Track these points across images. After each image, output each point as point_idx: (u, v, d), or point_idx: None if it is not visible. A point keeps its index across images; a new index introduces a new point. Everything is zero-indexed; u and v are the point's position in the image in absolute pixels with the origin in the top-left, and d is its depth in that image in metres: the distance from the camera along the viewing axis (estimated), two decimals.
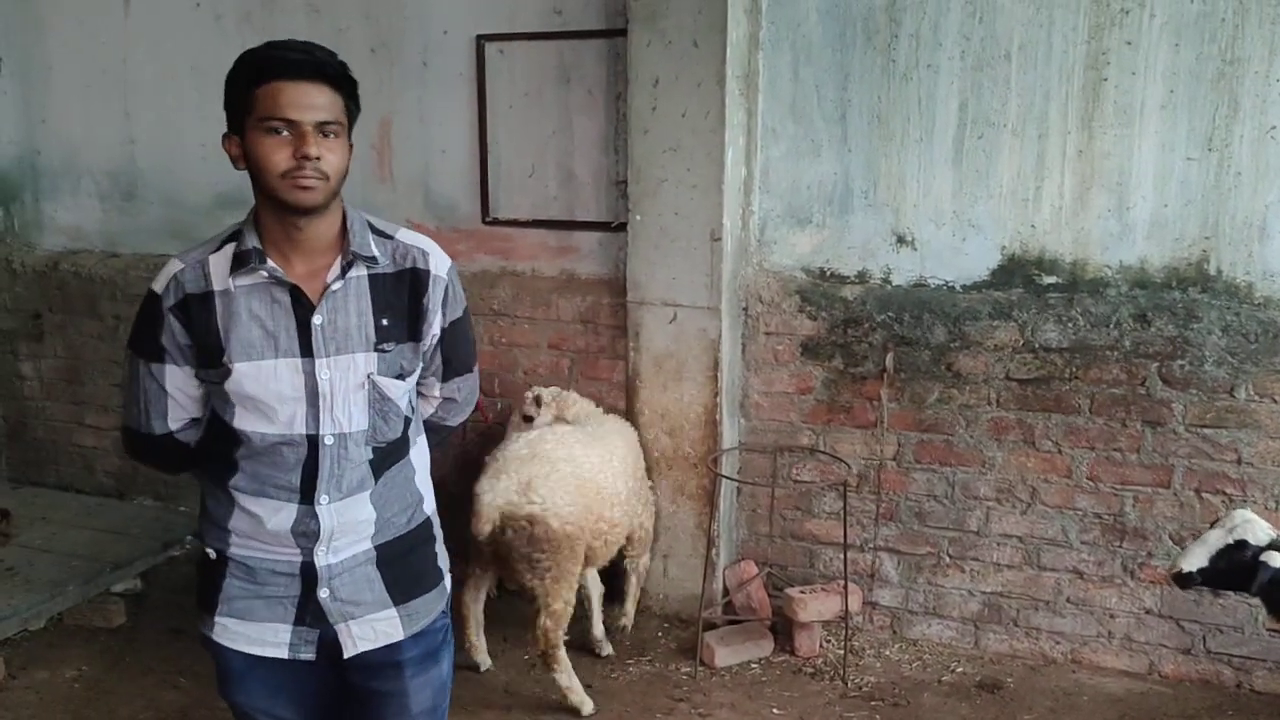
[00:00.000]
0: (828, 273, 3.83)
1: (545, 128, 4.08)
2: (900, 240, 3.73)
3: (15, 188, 5.05)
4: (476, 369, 2.18)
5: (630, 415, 3.98)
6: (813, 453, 3.90)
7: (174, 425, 1.95)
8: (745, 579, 3.93)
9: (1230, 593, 3.31)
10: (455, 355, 2.07)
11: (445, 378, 2.09)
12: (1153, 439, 3.50)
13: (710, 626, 3.81)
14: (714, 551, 3.87)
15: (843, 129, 3.72)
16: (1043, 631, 3.73)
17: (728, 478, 3.85)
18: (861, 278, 3.79)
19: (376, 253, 1.88)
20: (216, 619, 1.98)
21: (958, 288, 3.68)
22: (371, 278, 1.89)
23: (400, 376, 1.93)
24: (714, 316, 3.77)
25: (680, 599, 3.98)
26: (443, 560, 2.13)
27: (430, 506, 2.10)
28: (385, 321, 1.89)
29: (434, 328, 1.96)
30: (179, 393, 1.91)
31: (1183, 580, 2.66)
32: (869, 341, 3.75)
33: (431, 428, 2.17)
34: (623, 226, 3.93)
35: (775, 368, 3.89)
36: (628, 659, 3.75)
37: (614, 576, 4.12)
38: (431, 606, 2.07)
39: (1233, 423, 3.41)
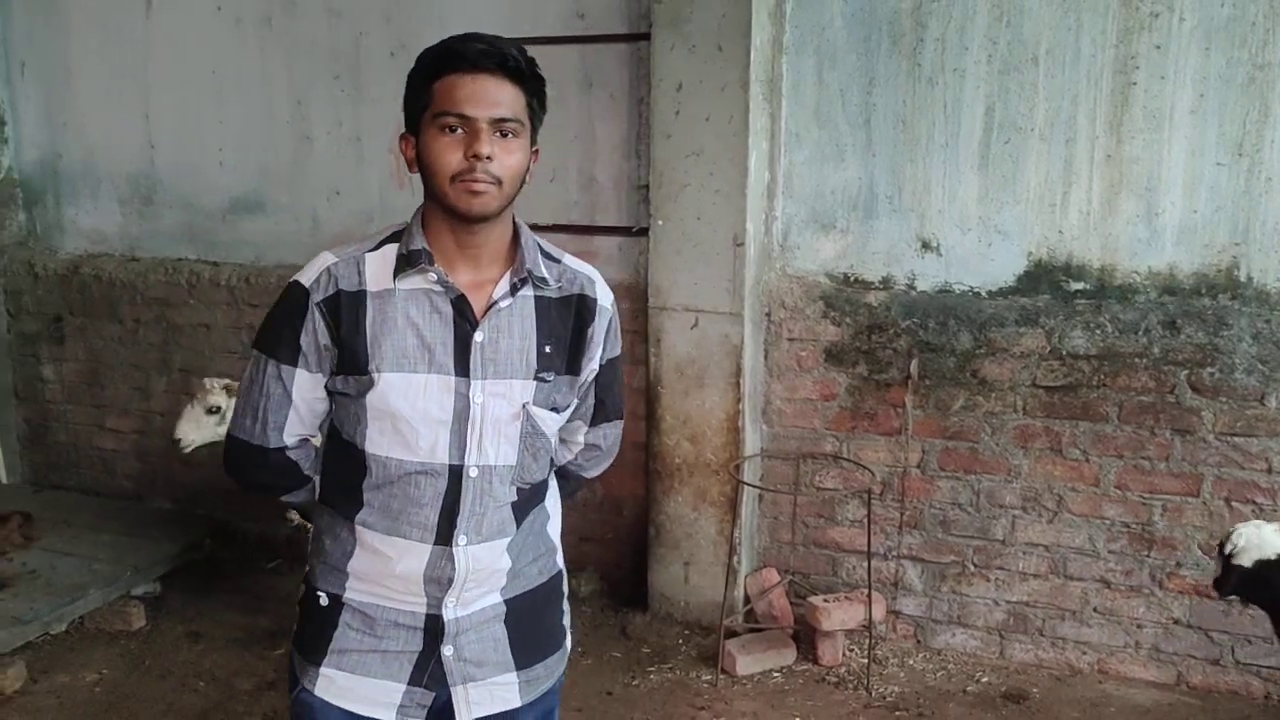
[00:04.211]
0: (852, 278, 3.80)
1: (567, 132, 4.07)
2: (925, 246, 3.69)
3: (37, 191, 5.06)
4: (624, 419, 2.01)
5: (651, 421, 3.95)
6: (836, 460, 3.87)
7: (289, 440, 1.78)
8: (767, 586, 3.90)
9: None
10: (610, 397, 1.91)
11: (594, 422, 1.93)
12: (1182, 447, 3.46)
13: (731, 634, 3.79)
14: (735, 559, 3.84)
15: (867, 134, 3.69)
16: (1069, 641, 3.69)
17: (750, 484, 3.82)
18: (886, 283, 3.76)
19: (547, 274, 1.72)
20: (322, 670, 1.76)
21: (983, 294, 3.65)
22: (538, 300, 1.73)
23: (554, 410, 1.76)
24: (736, 322, 3.74)
25: (701, 606, 3.95)
26: (567, 618, 1.95)
27: (561, 559, 1.93)
28: (548, 349, 1.72)
29: (593, 362, 1.81)
30: (304, 404, 1.74)
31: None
32: (893, 348, 3.72)
33: (566, 476, 2.00)
34: (644, 231, 3.91)
35: (798, 374, 3.87)
36: (648, 666, 3.73)
37: (635, 584, 4.11)
38: (553, 670, 1.89)
39: (1263, 431, 3.37)
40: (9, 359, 5.15)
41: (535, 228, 4.48)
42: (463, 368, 1.67)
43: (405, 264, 1.66)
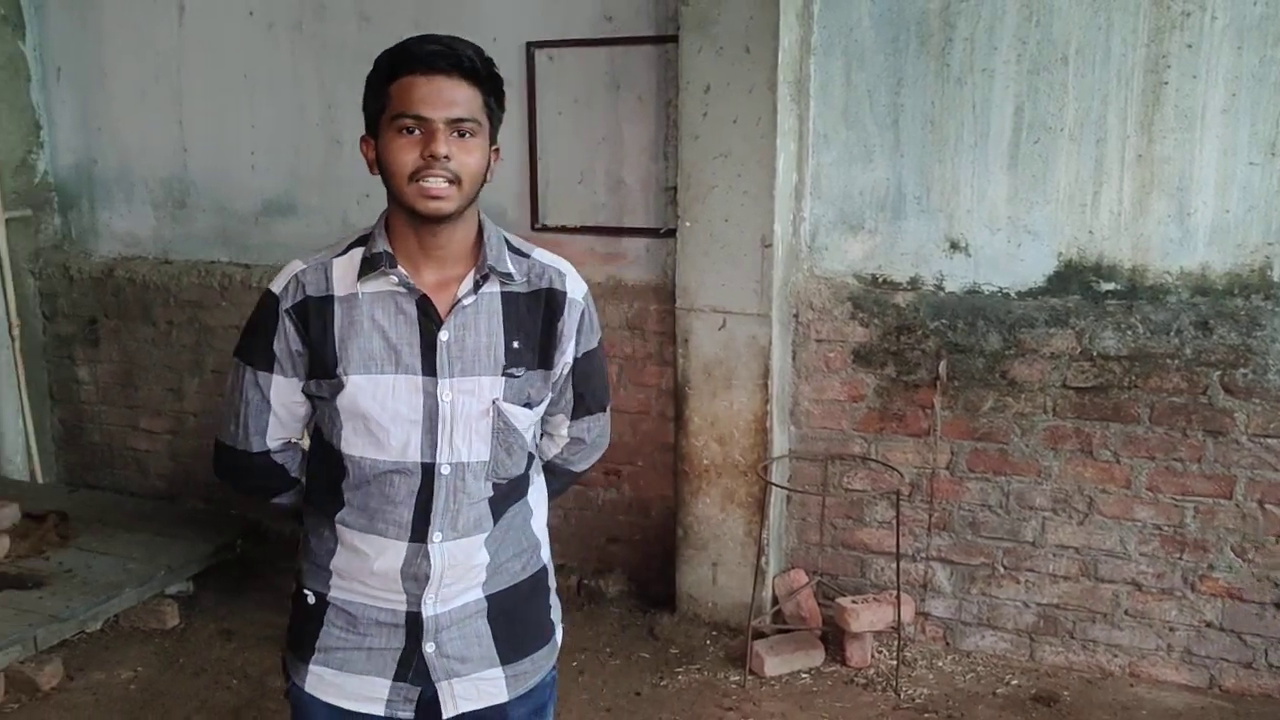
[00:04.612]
0: (880, 279, 3.79)
1: (595, 134, 4.08)
2: (954, 246, 3.68)
3: (73, 196, 5.13)
4: (609, 410, 2.03)
5: (679, 422, 3.96)
6: (864, 461, 3.86)
7: (272, 444, 1.82)
8: (795, 588, 3.90)
9: None
10: (588, 390, 1.92)
11: (576, 415, 1.94)
12: (1214, 449, 3.43)
13: (759, 635, 3.79)
14: (763, 560, 3.84)
15: (895, 134, 3.68)
16: (1100, 644, 3.66)
17: (778, 485, 3.82)
18: (914, 284, 3.75)
19: (512, 269, 1.74)
20: (311, 668, 1.81)
21: (1013, 294, 3.63)
22: (505, 296, 1.74)
23: (528, 405, 1.77)
24: (764, 323, 3.75)
25: (729, 607, 3.96)
26: (555, 612, 1.98)
27: (546, 554, 1.95)
28: (516, 344, 1.74)
29: (566, 355, 1.81)
30: (282, 408, 1.78)
31: None
32: (922, 349, 3.71)
33: (555, 471, 2.03)
34: (671, 233, 3.92)
35: (826, 375, 3.86)
36: (676, 667, 3.74)
37: (662, 585, 4.11)
38: (540, 665, 1.90)
39: None
40: (45, 361, 5.23)
41: (564, 230, 4.52)
42: (430, 367, 1.70)
43: (368, 267, 1.70)
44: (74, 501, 4.78)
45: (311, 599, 1.83)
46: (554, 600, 1.98)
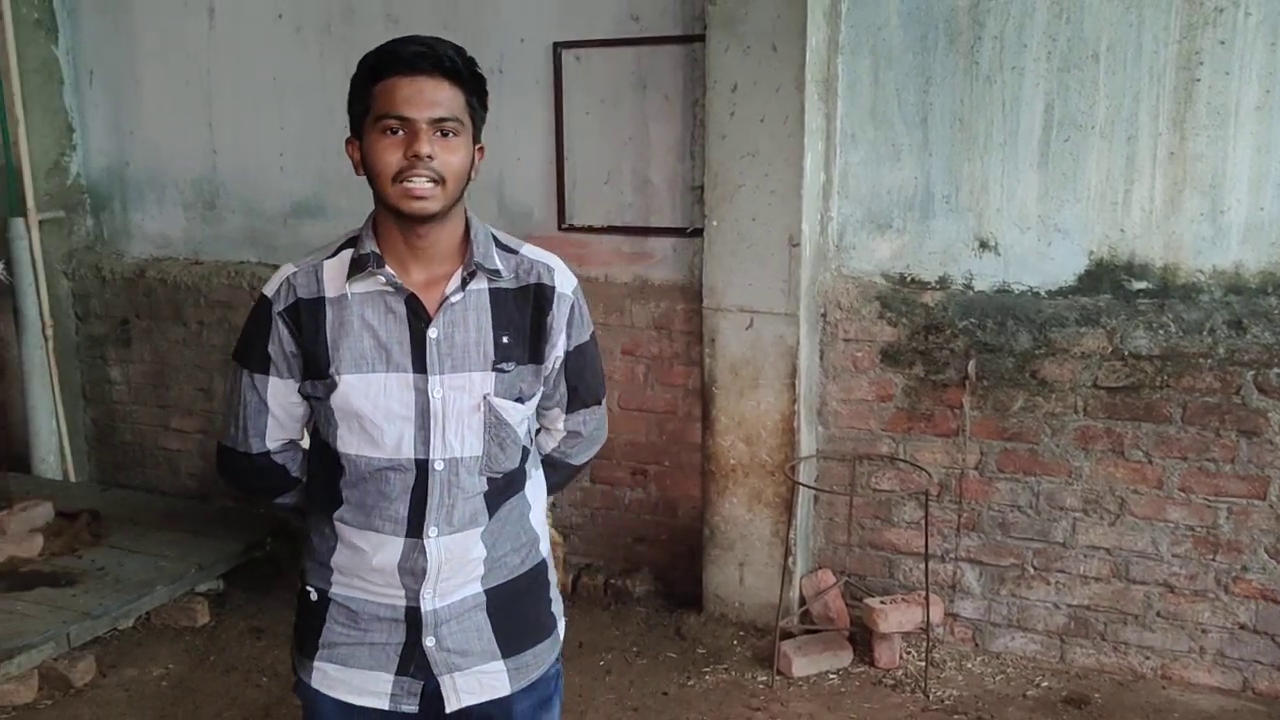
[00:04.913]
0: (908, 278, 3.78)
1: (621, 134, 4.08)
2: (983, 245, 3.66)
3: (105, 197, 5.19)
4: (605, 403, 2.03)
5: (706, 422, 3.96)
6: (892, 461, 3.85)
7: (272, 445, 1.85)
8: (823, 588, 3.89)
9: None
10: (581, 383, 1.92)
11: (571, 409, 1.95)
12: (1248, 449, 3.39)
13: (787, 635, 3.78)
14: (791, 560, 3.83)
15: (924, 133, 3.66)
16: (1131, 646, 3.63)
17: (806, 485, 3.81)
18: (943, 283, 3.73)
19: (500, 265, 1.76)
20: (316, 664, 1.84)
21: (1043, 293, 3.61)
22: (493, 292, 1.76)
23: (519, 400, 1.79)
24: (792, 323, 3.74)
25: (756, 607, 3.95)
26: (557, 605, 1.98)
27: (545, 548, 1.95)
28: (506, 339, 1.75)
29: (557, 349, 1.83)
30: (280, 409, 1.81)
31: None
32: (950, 348, 3.69)
33: (554, 465, 2.03)
34: (698, 232, 3.91)
35: (854, 375, 3.85)
36: (703, 667, 3.73)
37: (689, 585, 4.11)
38: (542, 658, 1.91)
39: None
40: (78, 361, 5.29)
41: (590, 230, 4.52)
42: (420, 364, 1.72)
43: (357, 268, 1.72)
44: (106, 500, 4.83)
45: (314, 596, 1.86)
46: (554, 594, 1.99)
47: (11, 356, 5.18)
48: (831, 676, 3.67)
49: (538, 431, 1.99)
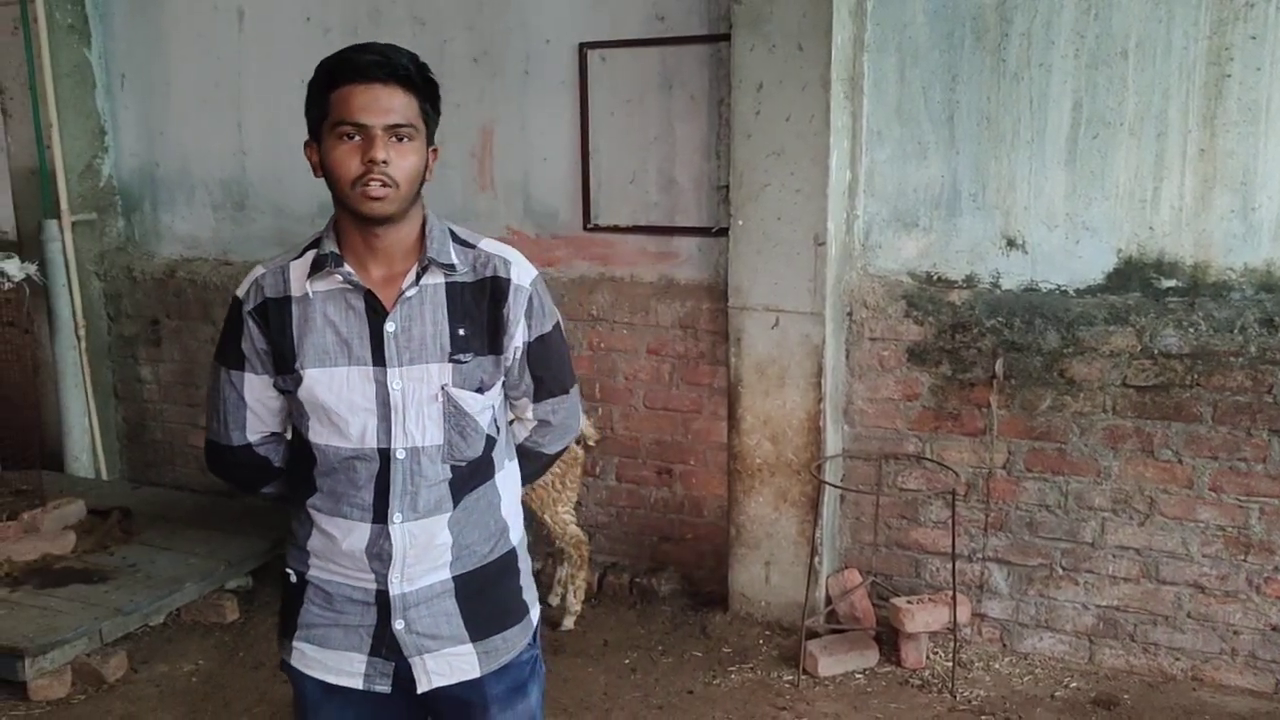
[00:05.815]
0: (934, 277, 3.76)
1: (647, 134, 4.09)
2: (1010, 243, 3.64)
3: (136, 198, 5.25)
4: (575, 392, 2.07)
5: (731, 421, 3.96)
6: (919, 460, 3.83)
7: (252, 437, 1.93)
8: (849, 587, 3.88)
9: None
10: (547, 373, 1.97)
11: (538, 398, 2.00)
12: None
13: (813, 635, 3.77)
14: (817, 559, 3.82)
15: (950, 131, 3.65)
16: (1161, 647, 3.60)
17: (832, 485, 3.80)
18: (969, 282, 3.72)
19: (455, 260, 1.82)
20: (295, 644, 1.93)
21: (1071, 292, 3.58)
22: (449, 286, 1.82)
23: (479, 390, 1.84)
24: (817, 322, 3.73)
25: (782, 606, 3.94)
26: (529, 593, 2.03)
27: (516, 536, 2.01)
28: (462, 331, 1.82)
29: (516, 340, 1.88)
30: (258, 403, 1.89)
31: None
32: (978, 347, 3.67)
33: (527, 455, 2.08)
34: (723, 231, 3.91)
35: (880, 374, 3.84)
36: (729, 666, 3.73)
37: (715, 584, 4.10)
38: (513, 643, 1.96)
39: None
40: (109, 360, 5.35)
41: (616, 229, 4.53)
42: (379, 358, 1.79)
43: (317, 268, 1.81)
44: (137, 498, 4.88)
45: (294, 578, 1.94)
46: (526, 581, 2.04)
47: (45, 356, 5.24)
48: (858, 676, 3.66)
49: (511, 422, 2.04)
